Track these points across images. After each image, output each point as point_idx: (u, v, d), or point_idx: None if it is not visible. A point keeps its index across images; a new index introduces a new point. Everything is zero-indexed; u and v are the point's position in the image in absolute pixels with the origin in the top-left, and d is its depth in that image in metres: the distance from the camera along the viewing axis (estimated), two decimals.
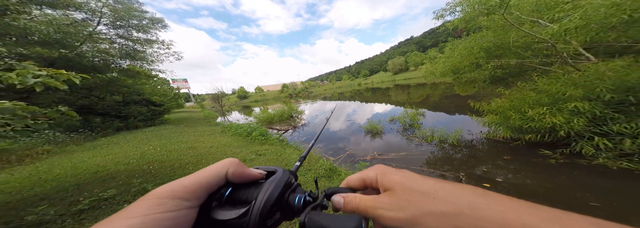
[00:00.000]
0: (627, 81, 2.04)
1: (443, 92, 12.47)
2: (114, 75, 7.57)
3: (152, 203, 0.15)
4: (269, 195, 0.18)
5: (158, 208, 0.15)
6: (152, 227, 0.14)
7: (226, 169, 0.19)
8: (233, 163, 0.19)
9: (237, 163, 0.20)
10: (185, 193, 0.16)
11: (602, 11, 2.10)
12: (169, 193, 0.16)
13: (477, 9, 3.43)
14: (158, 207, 0.15)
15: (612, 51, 3.05)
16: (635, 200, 1.63)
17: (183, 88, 47.36)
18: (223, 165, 0.19)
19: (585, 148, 2.15)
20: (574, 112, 2.18)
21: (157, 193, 0.16)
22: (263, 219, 0.16)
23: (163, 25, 8.18)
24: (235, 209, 0.17)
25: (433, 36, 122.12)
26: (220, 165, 0.19)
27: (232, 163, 0.19)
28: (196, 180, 0.17)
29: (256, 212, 0.16)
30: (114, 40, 7.12)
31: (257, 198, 0.17)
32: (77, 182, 2.37)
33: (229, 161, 0.20)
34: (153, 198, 0.15)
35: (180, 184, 0.17)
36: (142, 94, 8.91)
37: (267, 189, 0.18)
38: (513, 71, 4.32)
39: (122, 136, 5.94)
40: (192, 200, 0.16)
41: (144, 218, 0.14)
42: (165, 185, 0.17)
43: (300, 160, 0.26)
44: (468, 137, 3.61)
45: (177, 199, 0.16)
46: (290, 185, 0.20)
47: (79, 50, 5.69)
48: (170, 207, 0.15)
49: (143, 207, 0.15)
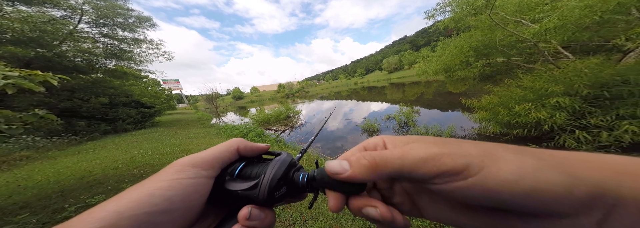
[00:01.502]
0: (601, 77, 2.19)
1: (436, 89, 12.79)
2: (99, 76, 7.20)
3: (177, 170, 0.17)
4: (276, 170, 0.19)
5: (181, 173, 0.17)
6: (177, 189, 0.15)
7: (236, 145, 0.21)
8: (240, 141, 0.22)
9: (243, 140, 0.22)
10: (203, 163, 0.18)
11: (576, 12, 2.25)
12: (189, 162, 0.18)
13: (466, 9, 3.58)
14: (181, 173, 0.17)
15: (587, 50, 3.27)
16: None
17: (175, 89, 45.98)
18: (231, 142, 0.21)
19: (568, 141, 2.28)
20: (556, 107, 2.31)
21: (180, 162, 0.18)
22: (271, 191, 0.18)
23: (151, 24, 7.86)
24: (247, 182, 0.19)
25: (425, 35, 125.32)
26: (229, 142, 0.21)
27: (239, 140, 0.22)
28: (211, 153, 0.19)
29: (265, 184, 0.18)
30: (97, 39, 6.74)
31: (266, 173, 0.19)
32: (61, 188, 2.25)
33: (237, 139, 0.22)
34: (178, 166, 0.17)
35: (198, 156, 0.19)
36: (131, 95, 8.48)
37: (274, 166, 0.20)
38: (500, 69, 4.53)
39: (110, 140, 5.66)
40: (208, 170, 0.18)
41: (171, 182, 0.16)
42: (186, 157, 0.18)
43: (301, 153, 0.27)
44: (461, 133, 3.73)
45: (197, 168, 0.18)
46: (295, 165, 0.22)
47: (59, 50, 5.34)
48: (191, 174, 0.17)
49: (170, 172, 0.17)
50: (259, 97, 57.18)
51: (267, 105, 21.64)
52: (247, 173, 0.20)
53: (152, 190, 0.15)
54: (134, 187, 0.15)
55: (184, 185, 0.16)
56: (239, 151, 0.21)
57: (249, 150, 0.22)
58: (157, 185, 0.15)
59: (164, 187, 0.15)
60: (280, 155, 0.22)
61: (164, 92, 16.21)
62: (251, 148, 0.22)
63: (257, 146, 0.22)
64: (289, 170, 0.20)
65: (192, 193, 0.16)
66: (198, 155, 0.19)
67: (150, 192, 0.15)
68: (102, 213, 0.13)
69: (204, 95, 16.56)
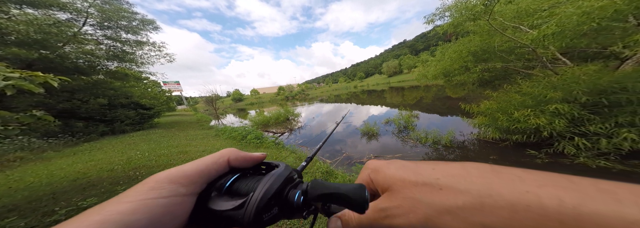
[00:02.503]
0: (599, 84, 2.19)
1: (435, 94, 12.83)
2: (100, 77, 7.24)
3: (148, 188, 0.15)
4: (268, 188, 0.17)
5: (152, 193, 0.14)
6: (143, 212, 0.13)
7: (226, 156, 0.19)
8: (232, 151, 0.19)
9: (236, 150, 0.20)
10: (182, 178, 0.16)
11: (574, 19, 2.27)
12: (166, 178, 0.16)
13: (465, 15, 3.62)
14: (152, 191, 0.14)
15: (585, 56, 3.29)
16: None
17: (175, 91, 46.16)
18: (221, 153, 0.19)
19: (567, 148, 2.26)
20: (555, 113, 2.30)
21: (156, 177, 0.16)
22: (259, 213, 0.15)
23: (154, 26, 7.94)
24: (233, 200, 0.16)
25: (425, 40, 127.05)
26: (219, 153, 0.19)
27: (231, 151, 0.19)
28: (195, 167, 0.17)
29: (253, 204, 0.16)
30: (100, 41, 6.82)
31: (255, 191, 0.17)
32: (53, 190, 2.21)
33: (228, 149, 0.20)
34: (151, 182, 0.15)
35: (180, 169, 0.16)
36: (131, 96, 8.51)
37: (266, 182, 0.17)
38: (499, 74, 4.55)
39: (107, 141, 5.63)
40: (188, 186, 0.16)
41: (136, 204, 0.13)
42: (167, 170, 0.16)
43: (306, 161, 0.24)
44: (460, 138, 3.71)
45: (175, 184, 0.15)
46: (292, 180, 0.19)
47: (62, 52, 5.38)
48: (165, 192, 0.15)
49: (140, 191, 0.14)
50: (258, 99, 57.37)
51: (266, 108, 21.67)
52: (237, 189, 0.17)
53: (106, 215, 0.12)
54: (89, 211, 0.13)
55: (152, 207, 0.14)
56: (231, 162, 0.19)
57: (241, 161, 0.19)
58: (117, 208, 0.13)
59: (125, 211, 0.13)
60: (277, 169, 0.19)
61: (164, 94, 16.24)
62: (244, 159, 0.19)
63: (251, 156, 0.20)
64: (285, 186, 0.18)
65: (162, 216, 0.14)
66: (179, 169, 0.16)
67: (103, 219, 0.12)
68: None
69: (203, 97, 16.59)
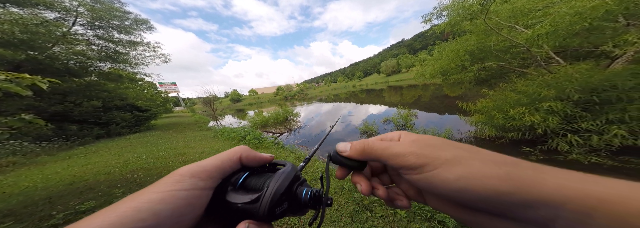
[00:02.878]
0: (591, 83, 2.25)
1: (433, 92, 12.95)
2: (93, 79, 6.94)
3: (173, 180, 0.16)
4: (280, 184, 0.18)
5: (176, 185, 0.16)
6: (168, 202, 0.15)
7: (239, 154, 0.20)
8: (244, 149, 0.21)
9: (247, 148, 0.21)
10: (202, 173, 0.17)
11: (567, 19, 2.32)
12: (188, 172, 0.17)
13: (461, 14, 3.67)
14: (177, 184, 0.16)
15: (577, 55, 3.37)
16: None
17: (172, 92, 45.51)
18: (235, 151, 0.21)
19: (561, 145, 2.32)
20: (549, 111, 2.36)
21: (180, 171, 0.17)
22: (272, 206, 0.17)
23: (148, 26, 7.76)
24: (248, 194, 0.18)
25: (423, 39, 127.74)
26: (233, 151, 0.21)
27: (243, 148, 0.21)
28: (212, 162, 0.19)
29: (267, 198, 0.17)
30: (92, 41, 6.60)
31: (269, 186, 0.18)
32: (49, 195, 2.18)
33: (240, 147, 0.21)
34: (177, 176, 0.17)
35: (199, 165, 0.18)
36: (126, 98, 8.32)
37: (277, 179, 0.19)
38: (495, 73, 4.62)
39: (103, 144, 5.52)
40: (206, 180, 0.17)
41: (164, 194, 0.15)
42: (187, 165, 0.18)
43: (304, 161, 0.26)
44: (457, 136, 3.76)
45: (195, 178, 0.17)
46: (299, 178, 0.21)
47: (51, 52, 5.18)
48: (186, 185, 0.16)
49: (167, 183, 0.16)
50: (257, 99, 57.01)
51: (265, 108, 21.56)
52: (250, 184, 0.19)
53: (140, 203, 0.14)
54: (126, 199, 0.15)
55: (176, 198, 0.15)
56: (242, 160, 0.20)
57: (251, 160, 0.21)
58: (148, 197, 0.15)
59: (155, 200, 0.14)
60: (285, 167, 0.21)
61: (160, 95, 15.98)
62: (254, 158, 0.21)
63: (260, 156, 0.22)
64: (293, 184, 0.20)
65: (184, 207, 0.15)
66: (198, 164, 0.18)
67: (138, 206, 0.14)
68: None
69: (201, 98, 16.42)
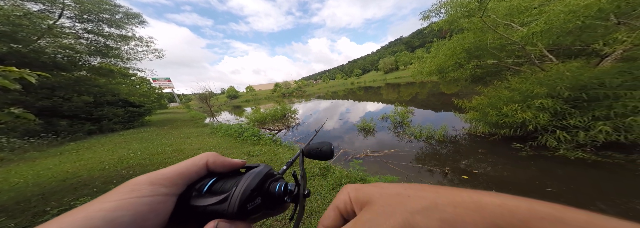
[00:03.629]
0: (581, 80, 2.32)
1: (430, 90, 13.07)
2: (83, 73, 6.84)
3: (129, 189, 0.15)
4: (250, 181, 0.18)
5: (134, 193, 0.15)
6: (128, 210, 0.14)
7: (205, 159, 0.19)
8: (211, 155, 0.20)
9: (216, 154, 0.20)
10: (162, 180, 0.17)
11: (561, 17, 2.35)
12: (146, 180, 0.16)
13: (459, 11, 3.66)
14: (134, 192, 0.15)
15: (570, 53, 3.45)
16: (583, 185, 1.88)
17: (166, 87, 44.37)
18: (201, 157, 0.20)
19: (549, 141, 2.41)
20: (540, 108, 2.43)
21: (135, 180, 0.16)
22: (243, 203, 0.17)
23: (140, 20, 7.54)
24: (215, 196, 0.17)
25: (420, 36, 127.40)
26: (198, 157, 0.20)
27: (211, 154, 0.20)
28: (174, 169, 0.18)
29: (236, 196, 0.17)
30: (80, 35, 6.39)
31: (237, 185, 0.18)
32: (42, 191, 2.14)
33: (207, 153, 0.20)
34: (131, 185, 0.16)
35: (158, 173, 0.17)
36: (118, 94, 8.11)
37: (248, 177, 0.18)
38: (490, 70, 4.69)
39: (96, 140, 5.41)
40: (169, 187, 0.17)
41: (119, 202, 0.14)
42: (143, 175, 0.17)
43: (286, 165, 0.25)
44: (452, 133, 3.85)
45: (155, 186, 0.16)
46: (272, 175, 0.20)
47: (36, 46, 5.00)
48: (147, 192, 0.15)
49: (121, 192, 0.15)
50: (254, 96, 56.29)
51: (263, 105, 21.36)
52: (218, 188, 0.18)
53: (91, 213, 0.13)
54: (73, 211, 0.14)
55: (137, 205, 0.14)
56: (209, 166, 0.19)
57: (219, 166, 0.20)
58: (99, 206, 0.14)
59: (108, 208, 0.14)
60: (257, 167, 0.20)
61: (154, 91, 15.58)
62: (222, 164, 0.20)
63: (229, 161, 0.20)
64: (265, 180, 0.19)
65: (147, 213, 0.15)
66: (158, 172, 0.17)
67: (88, 215, 0.13)
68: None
69: (197, 94, 16.09)
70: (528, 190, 1.94)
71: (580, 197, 1.75)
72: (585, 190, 1.82)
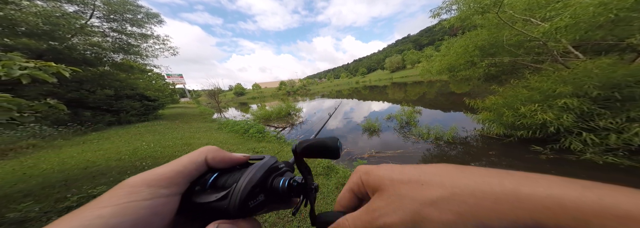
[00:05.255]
0: (613, 78, 2.11)
1: (439, 89, 12.64)
2: (106, 68, 7.31)
3: (125, 192, 0.15)
4: (251, 177, 0.17)
5: (132, 196, 0.14)
6: (126, 215, 0.13)
7: (204, 155, 0.19)
8: (211, 149, 0.19)
9: (216, 149, 0.19)
10: (160, 181, 0.16)
11: (590, 10, 2.15)
12: (142, 182, 0.15)
13: (473, 8, 3.47)
14: (132, 195, 0.14)
15: (599, 49, 3.15)
16: None
17: (178, 83, 46.67)
18: (200, 152, 0.19)
19: (574, 144, 2.22)
20: (564, 108, 2.24)
21: (129, 182, 0.16)
22: (244, 200, 0.16)
23: (159, 20, 8.09)
24: (217, 192, 0.17)
25: (429, 34, 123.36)
26: (198, 152, 0.19)
27: (210, 149, 0.19)
28: (172, 168, 0.17)
29: (237, 193, 0.16)
30: (107, 33, 6.98)
31: (238, 181, 0.17)
32: (65, 178, 2.29)
33: (207, 147, 0.19)
34: (126, 187, 0.15)
35: (153, 173, 0.16)
36: (136, 88, 8.69)
37: (249, 172, 0.18)
38: (506, 69, 4.42)
39: (114, 131, 5.76)
40: (169, 187, 0.16)
41: (117, 207, 0.13)
42: (138, 175, 0.16)
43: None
44: (463, 134, 3.68)
45: (153, 187, 0.15)
46: (277, 169, 0.19)
47: (70, 43, 5.56)
48: (146, 195, 0.15)
49: (116, 196, 0.14)
50: (260, 93, 57.46)
51: (268, 102, 21.71)
52: (221, 183, 0.18)
53: (86, 220, 0.12)
54: (65, 218, 0.13)
55: (136, 209, 0.14)
56: (208, 162, 0.18)
57: (219, 161, 0.19)
58: (97, 213, 0.13)
59: (106, 215, 0.13)
60: (263, 160, 0.19)
61: (168, 86, 16.43)
62: (222, 159, 0.19)
63: (230, 156, 0.19)
64: (269, 175, 0.18)
65: (149, 216, 0.14)
66: (153, 172, 0.16)
67: (82, 224, 0.12)
68: None
69: (206, 90, 16.74)
70: None
71: None
72: None
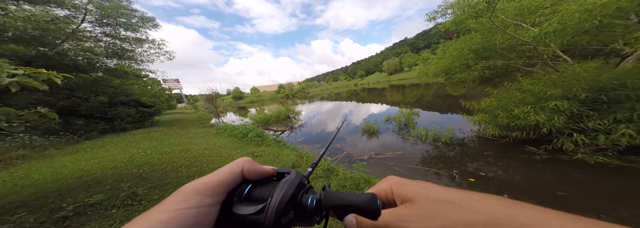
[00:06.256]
0: (599, 81, 2.21)
1: (436, 92, 12.86)
2: (100, 74, 7.06)
3: (181, 199, 0.16)
4: (284, 193, 0.18)
5: (184, 203, 0.16)
6: (179, 221, 0.15)
7: (241, 166, 0.20)
8: (246, 161, 0.21)
9: (250, 160, 0.21)
10: (206, 189, 0.17)
11: (576, 16, 2.27)
12: (194, 189, 0.17)
13: (467, 12, 3.60)
14: (184, 202, 0.16)
15: (586, 53, 3.30)
16: (603, 190, 1.77)
17: (175, 88, 46.10)
18: (237, 163, 0.20)
19: (566, 145, 2.29)
20: (555, 110, 2.33)
21: (185, 189, 0.17)
22: (278, 216, 0.17)
23: (154, 24, 7.91)
24: (254, 205, 0.18)
25: (426, 38, 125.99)
26: (235, 164, 0.20)
27: (246, 160, 0.21)
28: (215, 178, 0.18)
29: (272, 208, 0.17)
30: (99, 38, 6.78)
31: (273, 196, 0.18)
32: (59, 187, 2.23)
33: (243, 159, 0.21)
34: (182, 194, 0.17)
35: (201, 182, 0.18)
36: (131, 94, 8.43)
37: (281, 188, 0.19)
38: (500, 72, 4.55)
39: (109, 139, 5.65)
40: (213, 196, 0.17)
41: (173, 213, 0.15)
42: (191, 182, 0.18)
43: (312, 167, 0.26)
44: (460, 136, 3.74)
45: (201, 195, 0.17)
46: (303, 186, 0.21)
47: (60, 48, 5.36)
48: (194, 203, 0.16)
49: (175, 201, 0.16)
50: (259, 97, 57.22)
51: (267, 106, 21.65)
52: (255, 195, 0.19)
53: (152, 224, 0.14)
54: (139, 218, 0.15)
55: (185, 216, 0.15)
56: (244, 174, 0.20)
57: (252, 173, 0.20)
58: (159, 217, 0.15)
59: (165, 220, 0.14)
60: (288, 175, 0.21)
61: (164, 92, 16.18)
62: (255, 171, 0.20)
63: (261, 169, 0.21)
64: (298, 192, 0.19)
65: (193, 225, 0.15)
66: (202, 181, 0.18)
67: (150, 226, 0.14)
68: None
69: (203, 95, 16.57)
70: (538, 194, 1.84)
71: (598, 203, 1.64)
72: (605, 195, 1.71)
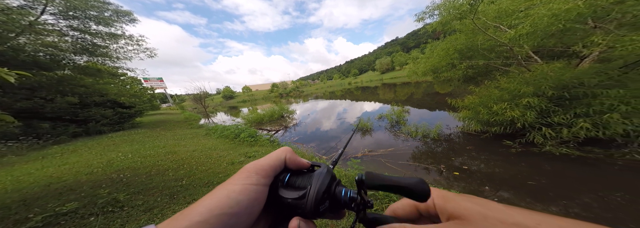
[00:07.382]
0: (563, 80, 2.47)
1: (425, 90, 13.38)
2: (67, 72, 6.35)
3: (245, 176, 0.18)
4: (321, 183, 0.20)
5: (248, 179, 0.18)
6: (246, 194, 0.17)
7: (284, 155, 0.22)
8: (288, 151, 0.22)
9: (291, 151, 0.22)
10: (261, 171, 0.19)
11: (545, 20, 2.50)
12: (254, 169, 0.19)
13: (452, 13, 3.79)
14: (248, 179, 0.18)
15: (553, 55, 3.65)
16: (568, 179, 2.00)
17: (158, 88, 43.10)
18: (282, 151, 0.22)
19: (537, 138, 2.54)
20: (527, 106, 2.56)
21: (248, 168, 0.19)
22: (317, 203, 0.18)
23: (131, 19, 7.26)
24: (296, 191, 0.20)
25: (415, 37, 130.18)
26: (280, 151, 0.22)
27: (287, 150, 0.22)
28: (267, 162, 0.20)
29: (312, 195, 0.19)
30: (65, 32, 6.05)
31: (312, 184, 0.20)
32: (23, 197, 2.04)
33: (285, 148, 0.22)
34: (245, 172, 0.19)
35: (258, 163, 0.20)
36: (106, 94, 7.76)
37: (318, 178, 0.20)
38: (481, 71, 4.87)
39: (82, 143, 5.19)
40: (266, 178, 0.19)
41: (242, 187, 0.17)
42: (250, 163, 0.20)
43: (332, 164, 0.27)
44: (446, 132, 3.97)
45: (258, 175, 0.19)
46: (335, 179, 0.22)
47: (15, 43, 4.66)
48: (254, 180, 0.18)
49: (242, 177, 0.18)
50: (251, 96, 55.61)
51: (260, 105, 21.14)
52: (294, 183, 0.21)
53: (229, 192, 0.16)
54: (218, 188, 0.17)
55: (250, 191, 0.17)
56: (286, 162, 0.22)
57: (292, 162, 0.22)
58: (232, 188, 0.17)
59: (237, 191, 0.16)
60: (321, 168, 0.22)
61: (145, 91, 15.11)
62: (294, 161, 0.22)
63: (300, 161, 0.23)
64: (332, 183, 0.21)
65: (254, 200, 0.17)
66: (258, 163, 0.20)
67: (228, 194, 0.16)
68: (199, 208, 0.15)
69: (191, 95, 15.74)
70: (515, 185, 2.03)
71: (563, 190, 1.85)
72: (570, 183, 1.93)
